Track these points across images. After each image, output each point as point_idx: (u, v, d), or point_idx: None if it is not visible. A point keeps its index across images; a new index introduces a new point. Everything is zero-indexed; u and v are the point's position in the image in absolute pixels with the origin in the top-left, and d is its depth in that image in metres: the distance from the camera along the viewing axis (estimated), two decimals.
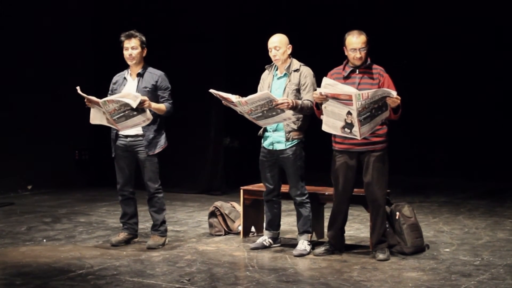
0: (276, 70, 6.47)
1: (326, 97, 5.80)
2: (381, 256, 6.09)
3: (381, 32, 9.99)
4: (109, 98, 6.31)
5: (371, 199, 6.18)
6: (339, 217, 6.33)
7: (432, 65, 11.16)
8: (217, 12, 10.09)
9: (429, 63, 11.17)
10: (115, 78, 6.76)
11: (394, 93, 5.71)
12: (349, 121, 5.73)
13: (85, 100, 6.36)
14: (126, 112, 6.27)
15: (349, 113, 5.70)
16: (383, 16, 11.06)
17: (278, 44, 6.33)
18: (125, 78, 6.66)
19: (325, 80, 5.83)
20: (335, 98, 5.73)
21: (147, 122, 6.40)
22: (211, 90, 6.19)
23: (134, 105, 6.18)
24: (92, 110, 6.45)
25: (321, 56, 8.93)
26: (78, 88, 6.27)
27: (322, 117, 5.93)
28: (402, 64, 10.86)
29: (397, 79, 6.28)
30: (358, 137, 5.81)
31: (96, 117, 6.46)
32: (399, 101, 5.76)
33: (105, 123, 6.46)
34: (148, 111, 6.34)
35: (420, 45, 11.17)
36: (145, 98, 6.31)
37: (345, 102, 5.69)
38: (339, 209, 6.30)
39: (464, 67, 10.97)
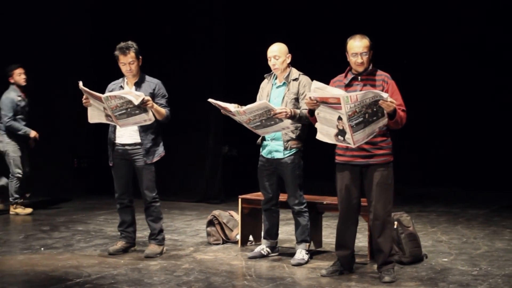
0: (275, 79, 6.47)
1: (316, 102, 5.42)
2: (387, 278, 5.70)
3: (380, 32, 9.97)
4: (111, 93, 6.24)
5: (372, 217, 5.78)
6: (347, 235, 5.92)
7: (432, 71, 11.15)
8: (216, 20, 10.10)
9: (429, 69, 11.15)
10: (110, 86, 6.71)
11: (385, 95, 5.27)
12: (341, 127, 5.35)
13: (84, 98, 6.31)
14: (128, 109, 6.20)
15: (339, 118, 5.30)
16: (386, 16, 11.04)
17: (277, 53, 6.33)
18: (121, 86, 6.63)
19: (315, 84, 5.43)
20: (325, 102, 5.34)
21: (149, 122, 6.34)
22: (210, 100, 6.17)
23: (136, 102, 6.13)
24: (89, 109, 6.37)
25: (318, 65, 8.94)
26: (80, 82, 6.20)
27: (316, 125, 5.56)
28: (402, 64, 10.79)
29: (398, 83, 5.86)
30: (352, 145, 5.42)
31: (94, 115, 6.38)
32: (394, 105, 5.31)
33: (103, 120, 6.38)
34: (150, 111, 6.29)
35: (423, 50, 11.16)
36: (148, 98, 6.26)
37: (334, 106, 5.27)
38: (346, 226, 5.90)
39: (466, 74, 10.94)
